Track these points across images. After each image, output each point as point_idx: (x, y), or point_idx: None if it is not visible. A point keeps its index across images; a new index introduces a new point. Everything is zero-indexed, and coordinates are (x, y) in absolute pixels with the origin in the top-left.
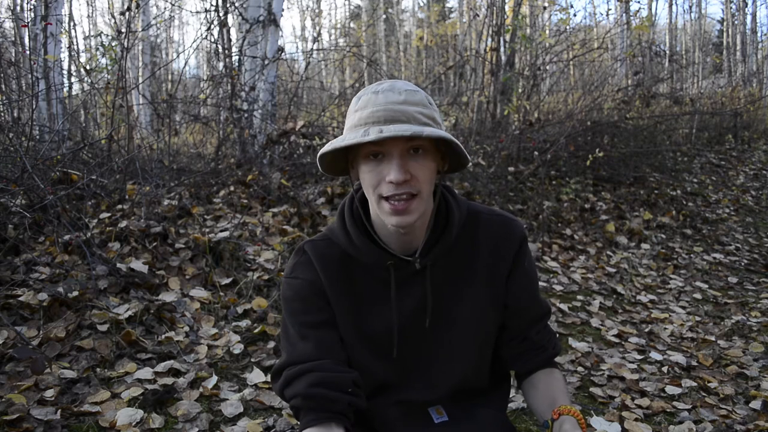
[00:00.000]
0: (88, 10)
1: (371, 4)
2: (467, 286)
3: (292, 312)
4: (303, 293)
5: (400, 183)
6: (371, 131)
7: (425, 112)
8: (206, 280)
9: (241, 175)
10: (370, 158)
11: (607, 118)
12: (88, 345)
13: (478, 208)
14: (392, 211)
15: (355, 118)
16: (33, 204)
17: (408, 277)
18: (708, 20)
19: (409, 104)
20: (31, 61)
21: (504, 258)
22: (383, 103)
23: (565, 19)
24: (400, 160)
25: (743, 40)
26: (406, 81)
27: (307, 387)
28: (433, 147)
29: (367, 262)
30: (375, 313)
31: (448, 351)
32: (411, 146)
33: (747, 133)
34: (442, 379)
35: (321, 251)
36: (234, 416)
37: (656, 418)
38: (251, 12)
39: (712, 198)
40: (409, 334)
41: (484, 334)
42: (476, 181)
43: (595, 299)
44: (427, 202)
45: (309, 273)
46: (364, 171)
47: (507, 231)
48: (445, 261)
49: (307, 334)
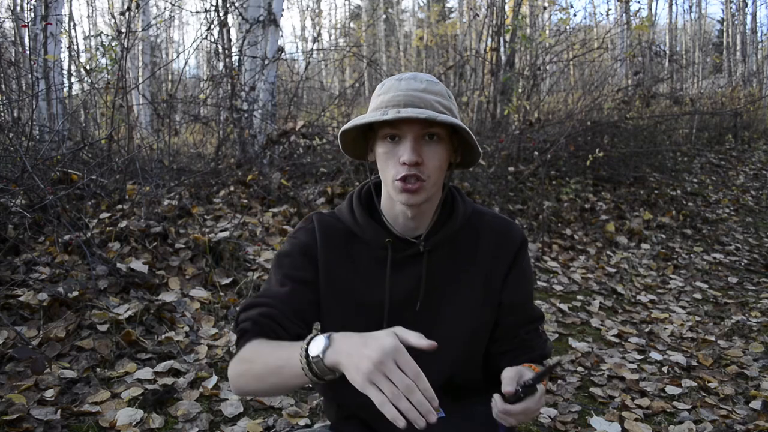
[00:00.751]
0: (88, 10)
1: (371, 4)
2: (463, 279)
3: (280, 264)
4: (296, 252)
5: (412, 164)
6: (390, 112)
7: (443, 102)
8: (206, 280)
9: (241, 175)
10: (387, 140)
11: (607, 118)
12: (88, 345)
13: (483, 210)
14: (402, 188)
15: (378, 101)
16: (33, 204)
17: (405, 259)
18: (708, 20)
19: (429, 93)
20: (31, 61)
21: (502, 260)
22: (404, 89)
23: (565, 19)
24: (414, 143)
25: (743, 40)
26: (430, 75)
27: (259, 315)
28: (447, 136)
29: (367, 239)
30: (369, 286)
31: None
32: (426, 132)
33: (747, 133)
34: (432, 369)
35: (326, 223)
36: (234, 416)
37: (656, 418)
38: (251, 12)
39: (712, 198)
40: (399, 314)
41: (473, 330)
42: (476, 181)
43: (595, 299)
44: (436, 190)
45: (308, 237)
46: (380, 151)
47: (508, 234)
48: (444, 251)
49: (285, 283)
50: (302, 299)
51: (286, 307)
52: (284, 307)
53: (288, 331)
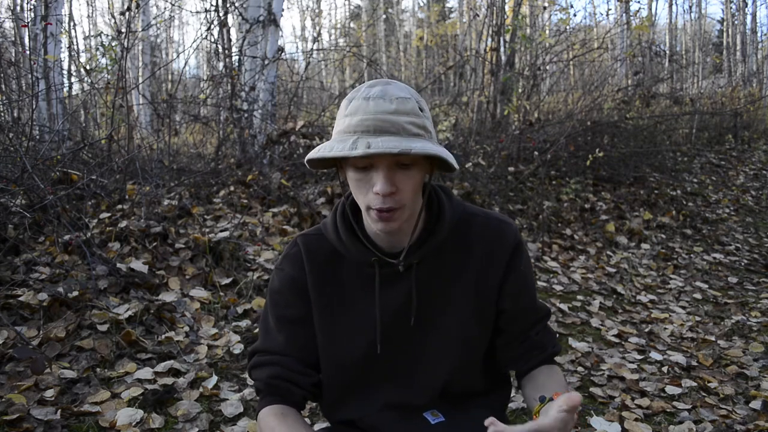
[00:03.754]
0: (88, 10)
1: (371, 4)
2: (454, 286)
3: (273, 303)
4: (285, 288)
5: (386, 195)
6: (359, 144)
7: (416, 121)
8: (206, 280)
9: (241, 175)
10: (358, 168)
11: (607, 118)
12: (88, 345)
13: (474, 211)
14: (378, 217)
15: (345, 123)
16: (33, 204)
17: (394, 275)
18: (708, 20)
19: (400, 114)
20: (31, 61)
21: (496, 263)
22: (373, 112)
23: (565, 19)
24: (388, 172)
25: (743, 40)
26: (399, 84)
27: (269, 377)
28: (421, 158)
29: (353, 259)
30: (360, 308)
31: (432, 351)
32: (398, 161)
33: (747, 133)
34: (428, 380)
35: (311, 245)
36: (234, 416)
37: (656, 418)
38: (251, 12)
39: (712, 198)
40: (394, 332)
41: (468, 336)
42: (476, 181)
43: (595, 299)
44: (413, 208)
45: (295, 268)
46: (352, 179)
47: (501, 236)
48: (433, 261)
49: (282, 328)
50: (301, 340)
51: (291, 360)
52: (289, 361)
53: (301, 386)
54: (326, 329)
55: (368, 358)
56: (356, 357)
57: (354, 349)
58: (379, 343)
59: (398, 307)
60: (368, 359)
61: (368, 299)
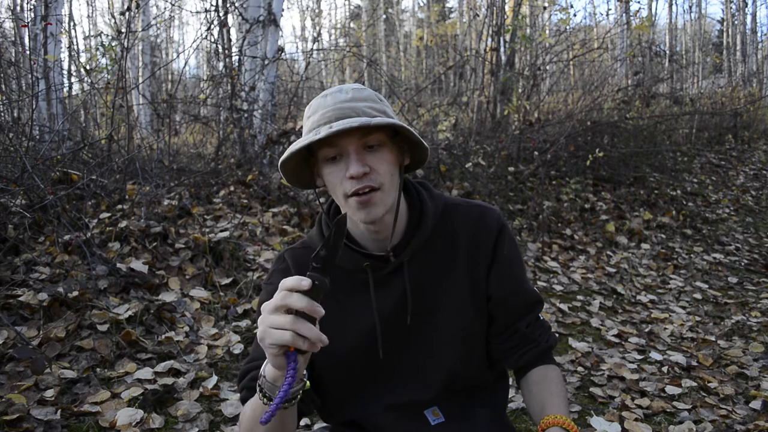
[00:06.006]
0: (88, 10)
1: (371, 4)
2: (447, 279)
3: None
4: None
5: (360, 176)
6: (322, 130)
7: (375, 106)
8: (206, 280)
9: (241, 175)
10: (329, 161)
11: (607, 118)
12: (88, 345)
13: (456, 201)
14: (358, 204)
15: (308, 123)
16: (33, 204)
17: (386, 276)
18: (708, 20)
19: (358, 100)
20: (31, 61)
21: (482, 248)
22: (332, 104)
23: (565, 19)
24: (357, 155)
25: (743, 40)
26: (355, 83)
27: (250, 379)
28: (388, 141)
29: (344, 266)
30: (357, 315)
31: (432, 346)
32: (365, 142)
33: (747, 133)
34: (431, 376)
35: (299, 259)
36: (234, 416)
37: (656, 418)
38: (251, 12)
39: (712, 198)
40: (392, 332)
41: (467, 327)
42: (476, 181)
43: (595, 299)
44: (393, 195)
45: None
46: (326, 175)
47: (484, 221)
48: (423, 256)
49: None
50: None
51: None
52: None
53: None
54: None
55: (369, 363)
56: (357, 363)
57: (354, 356)
58: (380, 346)
59: (394, 307)
60: (369, 364)
61: (363, 304)
